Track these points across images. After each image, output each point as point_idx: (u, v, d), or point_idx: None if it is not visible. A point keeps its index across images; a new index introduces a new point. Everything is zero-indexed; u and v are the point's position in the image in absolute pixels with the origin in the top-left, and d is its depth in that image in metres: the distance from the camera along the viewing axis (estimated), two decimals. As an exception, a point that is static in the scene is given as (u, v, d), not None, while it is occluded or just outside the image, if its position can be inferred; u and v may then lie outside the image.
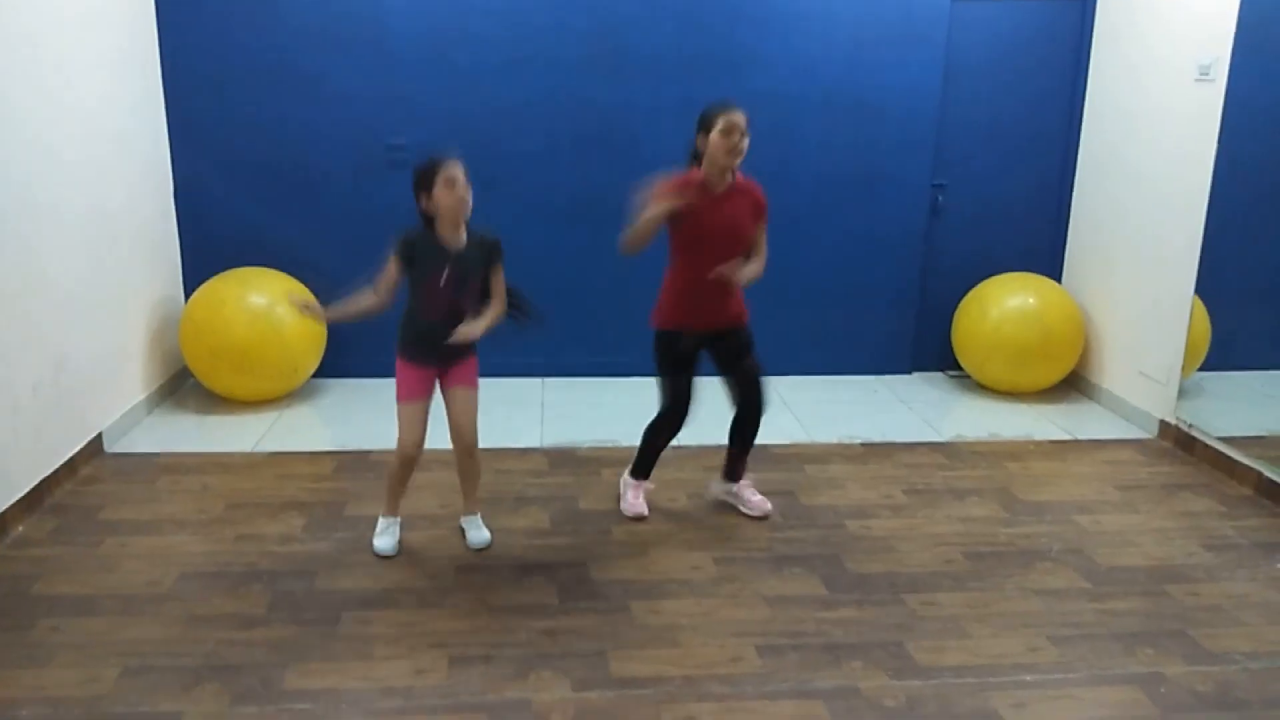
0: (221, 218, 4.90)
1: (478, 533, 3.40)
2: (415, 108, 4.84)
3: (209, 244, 4.89)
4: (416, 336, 3.19)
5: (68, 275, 3.80)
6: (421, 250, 3.07)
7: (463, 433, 3.29)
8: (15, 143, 3.44)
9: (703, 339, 3.44)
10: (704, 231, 3.31)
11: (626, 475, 3.72)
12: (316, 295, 4.76)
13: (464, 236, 3.11)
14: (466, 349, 3.22)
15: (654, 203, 3.19)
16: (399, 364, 3.23)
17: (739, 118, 3.23)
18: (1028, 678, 2.68)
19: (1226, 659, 2.79)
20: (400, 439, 3.25)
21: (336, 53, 4.77)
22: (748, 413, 3.55)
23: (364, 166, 4.92)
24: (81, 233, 3.92)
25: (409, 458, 3.27)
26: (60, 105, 3.75)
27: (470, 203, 3.05)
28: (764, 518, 3.61)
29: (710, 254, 3.31)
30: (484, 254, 3.16)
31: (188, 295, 4.83)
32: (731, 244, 3.34)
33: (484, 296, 3.21)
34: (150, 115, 4.62)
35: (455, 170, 3.01)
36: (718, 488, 3.75)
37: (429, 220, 3.08)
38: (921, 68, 5.03)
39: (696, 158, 3.34)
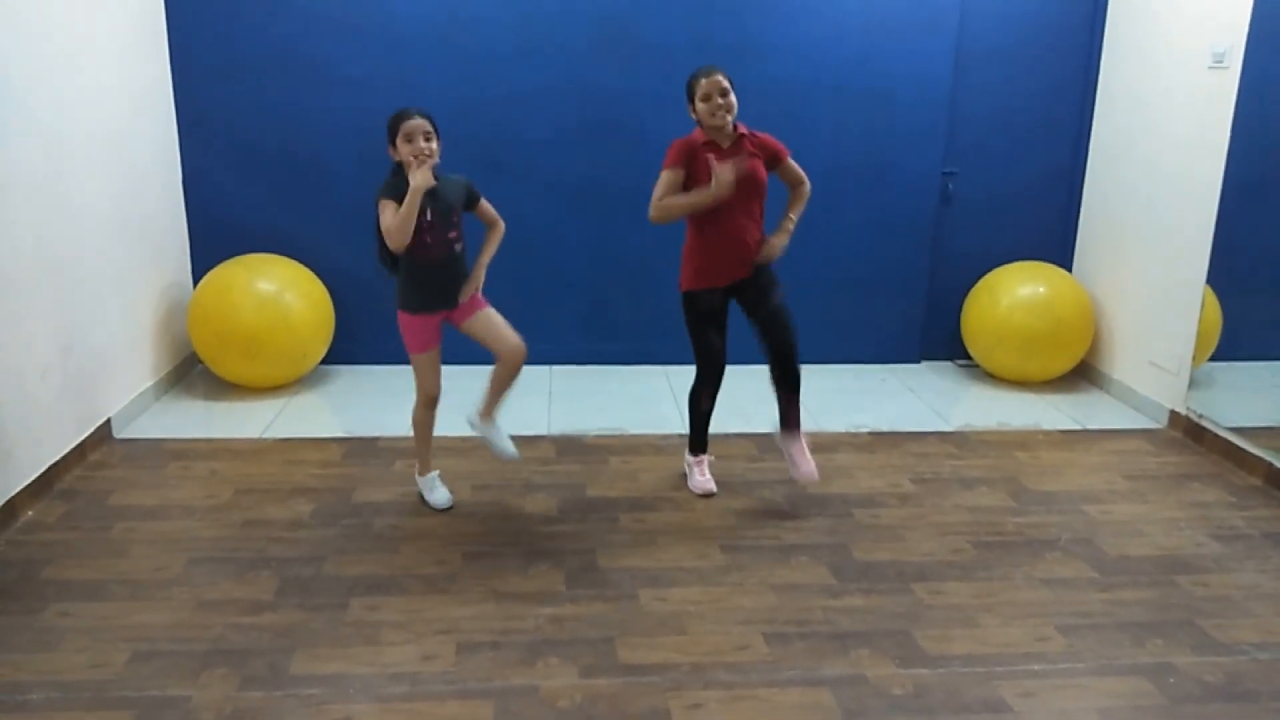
0: (229, 204, 4.90)
1: (507, 443, 3.51)
2: (423, 94, 4.80)
3: (217, 230, 4.89)
4: (419, 284, 3.29)
5: (76, 261, 3.81)
6: (401, 195, 3.13)
7: (509, 347, 3.38)
8: (24, 129, 3.44)
9: (728, 291, 3.49)
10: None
11: (687, 455, 3.80)
12: (324, 281, 4.79)
13: (432, 179, 3.20)
14: (461, 292, 3.36)
15: (701, 188, 3.31)
16: (404, 319, 3.34)
17: (716, 79, 3.32)
18: (1036, 667, 2.68)
19: (1235, 650, 2.78)
20: (422, 386, 3.40)
21: (344, 39, 4.76)
22: (780, 353, 3.50)
23: (371, 153, 4.86)
24: (90, 219, 3.92)
25: (433, 399, 3.42)
26: (69, 92, 3.75)
27: (432, 150, 3.14)
28: (806, 486, 3.61)
29: (722, 208, 3.36)
30: (458, 190, 3.31)
31: (196, 281, 4.83)
32: (745, 196, 3.37)
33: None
34: (159, 101, 4.62)
35: (412, 124, 3.13)
36: (777, 437, 3.67)
37: (399, 168, 3.19)
38: (933, 55, 5.00)
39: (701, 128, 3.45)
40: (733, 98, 3.33)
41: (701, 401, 3.67)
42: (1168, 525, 3.56)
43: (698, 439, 3.76)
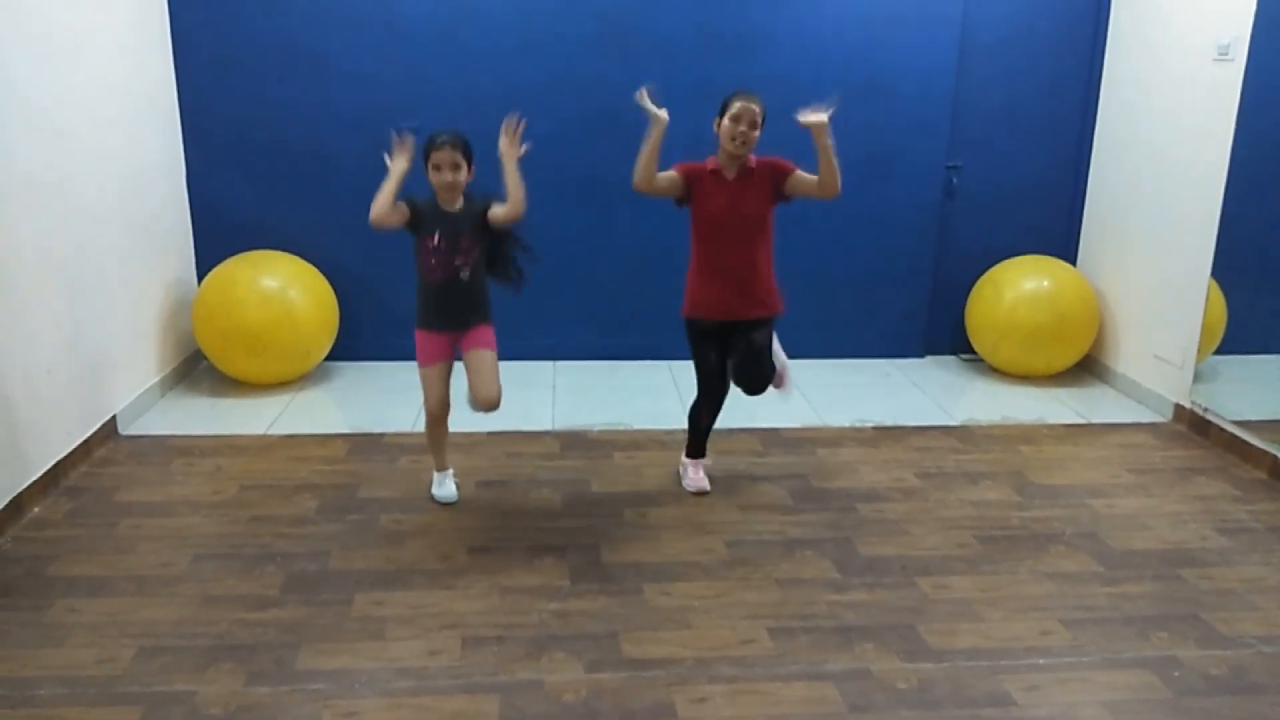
0: (233, 200, 4.90)
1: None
2: (426, 89, 4.82)
3: (221, 226, 4.89)
4: (423, 303, 3.36)
5: (80, 257, 3.81)
6: (423, 211, 3.25)
7: (484, 395, 3.35)
8: (28, 125, 3.44)
9: (723, 326, 3.46)
10: (712, 216, 3.36)
11: (683, 458, 3.76)
12: (328, 277, 4.79)
13: (460, 203, 3.28)
14: (479, 316, 3.37)
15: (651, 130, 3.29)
16: (417, 334, 3.39)
17: (753, 107, 3.26)
18: (1040, 661, 2.68)
19: (1240, 643, 2.78)
20: (425, 401, 3.44)
21: (347, 34, 4.75)
22: (740, 384, 3.54)
23: (375, 148, 4.87)
24: (94, 215, 3.92)
25: (434, 416, 3.46)
26: (72, 88, 3.75)
27: (456, 183, 3.21)
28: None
29: (719, 240, 3.38)
30: (474, 214, 3.29)
31: (200, 278, 4.83)
32: (740, 229, 3.36)
33: (481, 262, 3.34)
34: (162, 97, 4.62)
35: (441, 157, 3.18)
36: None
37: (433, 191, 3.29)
38: (937, 48, 4.99)
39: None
40: (758, 133, 3.27)
41: (701, 418, 3.65)
42: (1172, 519, 3.55)
43: (695, 446, 3.72)
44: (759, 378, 3.52)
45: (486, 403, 3.36)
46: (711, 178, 3.35)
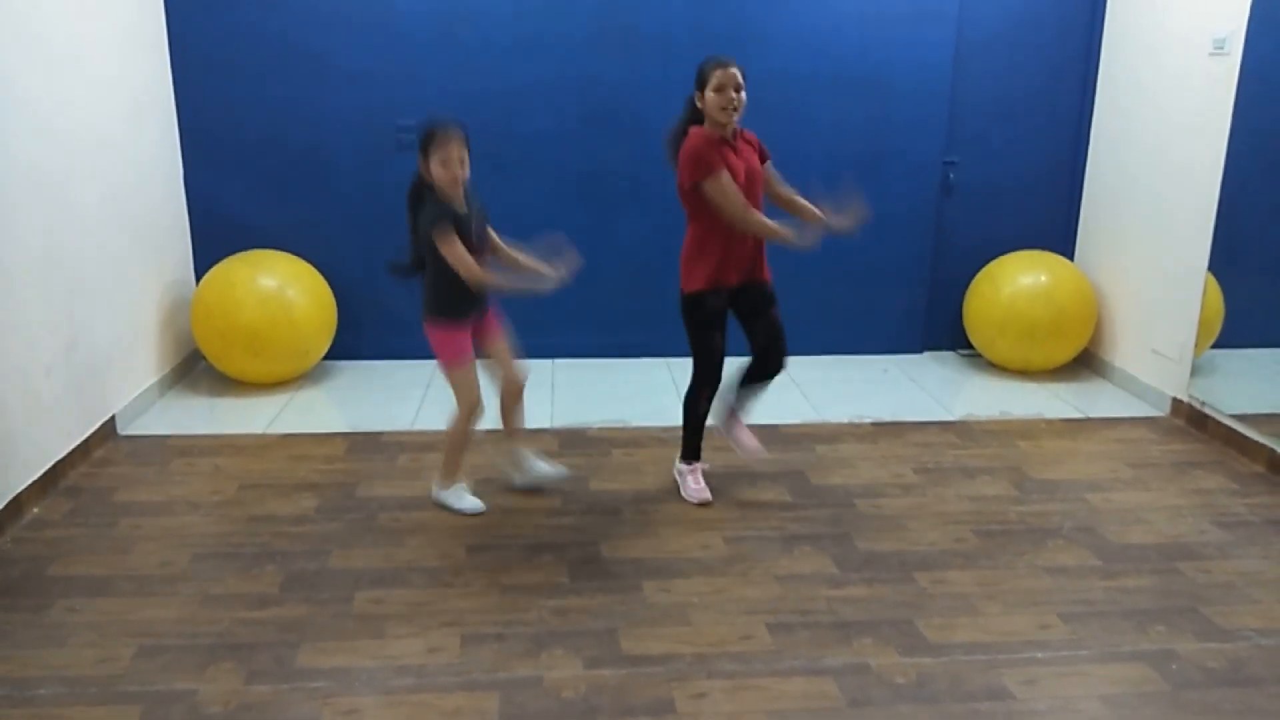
0: (231, 200, 4.90)
1: (548, 465, 3.67)
2: (423, 88, 4.82)
3: (219, 226, 4.89)
4: (460, 293, 3.23)
5: (78, 258, 3.81)
6: (458, 218, 3.19)
7: (515, 376, 3.49)
8: (25, 125, 3.44)
9: (731, 294, 3.43)
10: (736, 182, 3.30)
11: (679, 464, 3.68)
12: (326, 276, 4.80)
13: (464, 197, 3.25)
14: (489, 298, 3.40)
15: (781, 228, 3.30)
16: (444, 331, 3.30)
17: (733, 73, 3.21)
18: (1039, 655, 2.68)
19: (1238, 636, 2.79)
20: (468, 400, 3.35)
21: (344, 33, 4.75)
22: (766, 370, 3.56)
23: (373, 148, 4.91)
24: (92, 215, 3.92)
25: (481, 409, 3.38)
26: (69, 87, 3.75)
27: (465, 175, 3.18)
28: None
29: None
30: (483, 207, 3.34)
31: (198, 278, 4.84)
32: (751, 193, 3.33)
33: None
34: (159, 98, 4.62)
35: (449, 151, 3.11)
36: (721, 426, 3.72)
37: (433, 189, 3.17)
38: (933, 44, 4.99)
39: (695, 114, 3.32)
40: (744, 95, 3.23)
41: (700, 404, 3.54)
42: (1170, 512, 3.56)
43: (692, 445, 3.62)
44: (782, 360, 3.54)
45: (517, 392, 3.52)
46: (724, 146, 3.28)
